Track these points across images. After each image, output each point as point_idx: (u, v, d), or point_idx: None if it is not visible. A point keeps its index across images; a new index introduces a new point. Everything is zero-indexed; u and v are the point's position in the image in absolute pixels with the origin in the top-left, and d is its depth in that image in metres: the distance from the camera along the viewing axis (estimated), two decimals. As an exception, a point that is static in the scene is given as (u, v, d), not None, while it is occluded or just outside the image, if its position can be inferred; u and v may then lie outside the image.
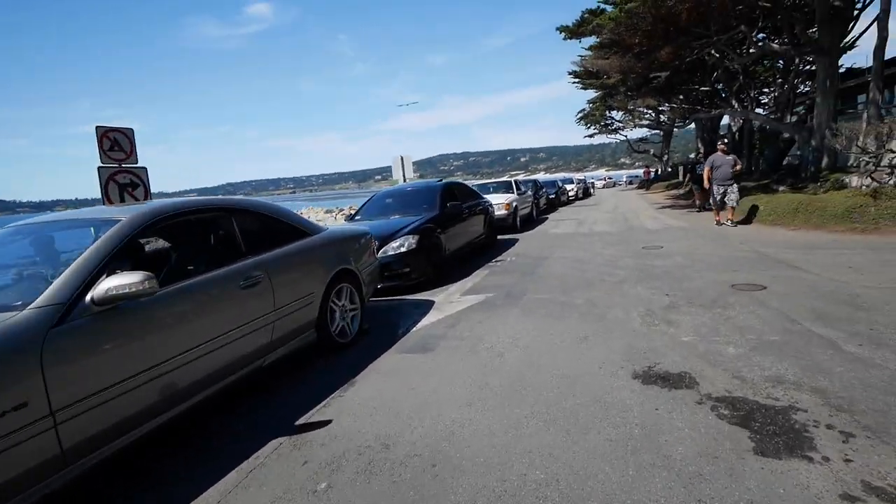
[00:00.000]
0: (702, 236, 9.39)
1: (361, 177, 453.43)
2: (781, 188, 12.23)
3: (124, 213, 2.77)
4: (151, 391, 2.42)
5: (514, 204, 12.75)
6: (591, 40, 15.64)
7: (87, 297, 2.20)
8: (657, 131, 38.89)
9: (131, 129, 6.25)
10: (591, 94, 28.49)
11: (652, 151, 40.03)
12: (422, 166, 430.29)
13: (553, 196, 21.26)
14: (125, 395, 2.27)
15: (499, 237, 11.51)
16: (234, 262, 3.20)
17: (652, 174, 36.80)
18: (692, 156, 27.67)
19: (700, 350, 3.55)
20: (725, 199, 10.42)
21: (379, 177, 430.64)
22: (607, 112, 37.43)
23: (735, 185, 10.40)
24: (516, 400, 2.99)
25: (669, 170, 37.57)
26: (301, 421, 2.99)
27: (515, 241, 10.98)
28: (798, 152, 20.40)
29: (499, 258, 8.68)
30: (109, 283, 2.22)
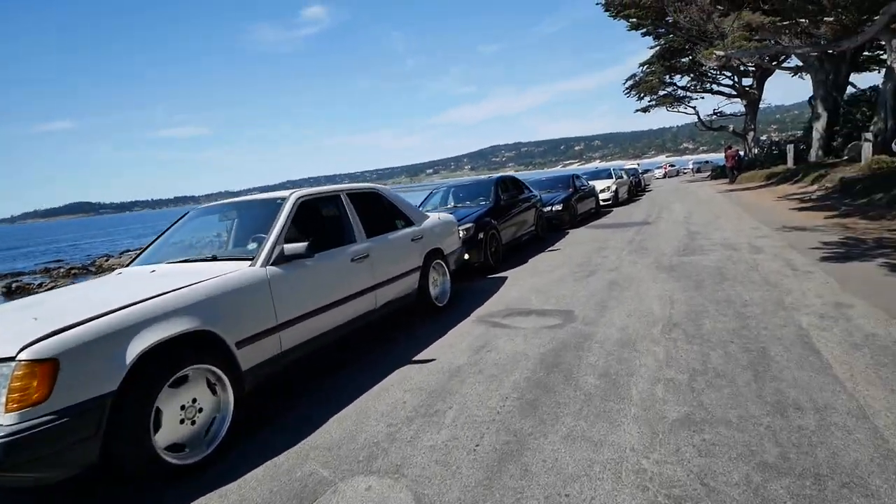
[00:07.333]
0: None
1: (413, 171, 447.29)
2: None
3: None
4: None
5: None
6: None
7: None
8: (738, 101, 28.56)
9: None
10: (645, 52, 19.44)
11: (732, 127, 29.63)
12: (473, 159, 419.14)
13: (550, 210, 10.60)
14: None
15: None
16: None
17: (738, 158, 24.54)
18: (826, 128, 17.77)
19: None
20: None
21: (431, 170, 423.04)
22: (668, 77, 27.77)
23: None
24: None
25: (757, 150, 27.26)
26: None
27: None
28: None
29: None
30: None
